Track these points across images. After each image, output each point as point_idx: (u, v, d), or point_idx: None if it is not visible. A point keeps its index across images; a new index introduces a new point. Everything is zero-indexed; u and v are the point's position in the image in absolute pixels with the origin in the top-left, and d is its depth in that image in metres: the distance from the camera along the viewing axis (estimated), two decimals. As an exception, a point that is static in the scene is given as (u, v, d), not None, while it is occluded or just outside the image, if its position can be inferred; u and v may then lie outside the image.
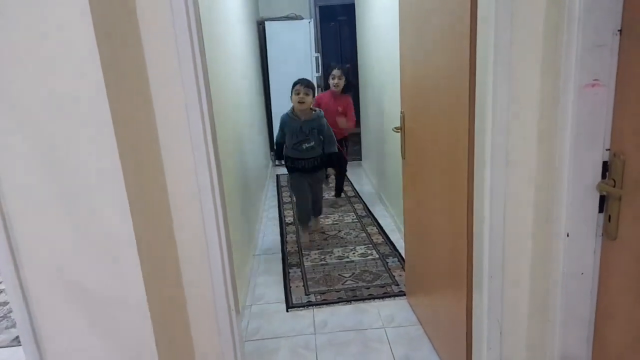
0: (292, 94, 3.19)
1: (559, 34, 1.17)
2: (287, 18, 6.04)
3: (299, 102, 3.14)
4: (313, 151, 3.28)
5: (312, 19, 6.12)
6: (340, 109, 3.87)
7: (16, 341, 2.41)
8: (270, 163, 5.76)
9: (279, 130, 3.34)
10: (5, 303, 2.84)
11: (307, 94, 3.14)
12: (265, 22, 5.74)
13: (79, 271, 1.11)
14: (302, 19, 6.03)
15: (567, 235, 1.24)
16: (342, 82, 3.84)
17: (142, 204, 1.15)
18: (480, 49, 1.34)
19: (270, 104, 5.90)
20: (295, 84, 3.20)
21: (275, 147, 3.47)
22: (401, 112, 2.21)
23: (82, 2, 0.94)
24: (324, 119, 3.30)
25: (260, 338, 2.30)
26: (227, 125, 2.59)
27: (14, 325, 2.56)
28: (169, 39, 1.25)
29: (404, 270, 2.73)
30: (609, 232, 1.22)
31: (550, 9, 1.20)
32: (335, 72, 3.84)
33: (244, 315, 2.49)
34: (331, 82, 3.87)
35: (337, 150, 3.40)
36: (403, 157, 2.29)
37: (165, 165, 1.35)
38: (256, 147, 4.34)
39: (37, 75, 0.98)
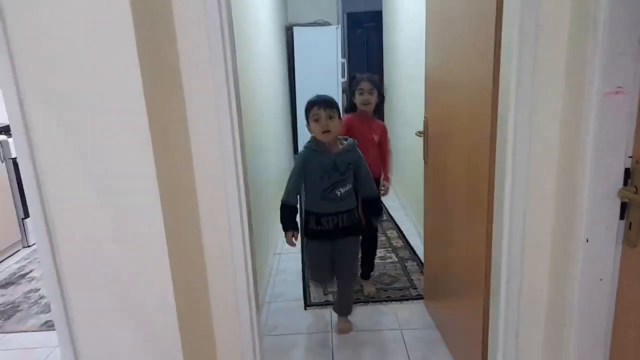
0: (308, 121, 2.13)
1: (583, 43, 1.19)
2: (315, 24, 6.12)
3: (323, 132, 2.06)
4: (350, 200, 2.19)
5: (340, 25, 6.18)
6: (376, 137, 2.65)
7: (45, 326, 2.52)
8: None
9: (294, 175, 2.15)
10: (37, 290, 2.97)
11: (330, 117, 2.06)
12: (294, 28, 5.83)
13: (112, 260, 1.17)
14: (329, 25, 6.11)
15: (587, 241, 1.25)
16: (373, 99, 2.57)
17: (172, 200, 1.22)
18: (504, 57, 1.36)
19: (295, 108, 5.99)
20: (310, 105, 2.11)
21: (285, 205, 2.15)
22: (425, 117, 2.24)
23: (125, 13, 1.01)
24: (359, 151, 2.22)
25: (278, 334, 2.35)
26: (251, 128, 2.67)
27: (43, 311, 2.67)
28: (203, 47, 1.32)
29: (422, 274, 2.74)
30: (630, 239, 1.22)
31: (574, 19, 1.22)
32: (365, 84, 2.56)
33: (262, 312, 2.55)
34: (359, 98, 2.58)
35: (378, 194, 2.37)
36: (425, 161, 2.31)
37: (194, 165, 1.41)
38: (281, 148, 4.41)
39: (79, 77, 1.05)
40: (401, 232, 3.67)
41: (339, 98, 6.03)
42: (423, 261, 2.65)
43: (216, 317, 1.59)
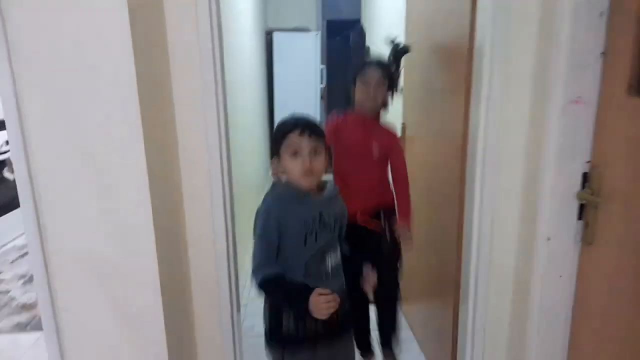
0: (278, 153, 1.36)
1: (548, 57, 1.29)
2: (295, 30, 6.20)
3: (304, 174, 1.32)
4: (340, 274, 1.43)
5: (319, 32, 6.28)
6: (376, 151, 1.83)
7: (17, 328, 2.47)
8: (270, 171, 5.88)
9: (262, 243, 1.34)
10: (7, 291, 2.91)
11: (316, 152, 1.33)
12: (274, 33, 5.89)
13: (102, 253, 1.20)
14: (309, 31, 6.19)
15: (548, 239, 1.34)
16: (381, 95, 1.81)
17: (160, 195, 1.25)
18: (476, 70, 1.46)
19: (273, 112, 6.03)
20: (285, 129, 1.34)
21: (267, 280, 1.32)
22: (402, 124, 2.32)
23: (123, 20, 1.05)
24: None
25: (255, 335, 2.38)
26: (232, 128, 2.70)
27: (13, 313, 2.63)
28: (194, 48, 1.36)
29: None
30: (587, 238, 1.32)
31: (541, 36, 1.32)
32: (373, 72, 1.78)
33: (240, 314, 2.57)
34: (360, 91, 1.80)
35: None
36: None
37: (181, 163, 1.45)
38: (257, 150, 4.44)
39: (77, 76, 1.08)
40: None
41: (317, 105, 6.11)
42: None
43: (198, 313, 1.62)
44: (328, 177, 1.50)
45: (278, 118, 5.85)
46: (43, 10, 1.04)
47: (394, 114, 3.29)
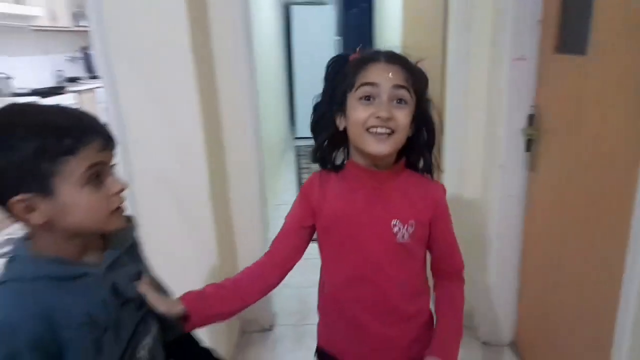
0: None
1: (499, 24, 1.68)
2: (312, 3, 6.51)
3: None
4: (160, 354, 0.86)
5: (334, 4, 6.57)
6: (403, 233, 0.89)
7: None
8: (291, 137, 6.31)
9: None
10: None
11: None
12: (291, 6, 6.23)
13: (171, 171, 1.63)
14: (325, 4, 6.50)
15: (501, 166, 1.75)
16: (403, 118, 0.85)
17: (209, 131, 1.69)
18: (450, 33, 1.84)
19: (292, 85, 6.42)
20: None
21: None
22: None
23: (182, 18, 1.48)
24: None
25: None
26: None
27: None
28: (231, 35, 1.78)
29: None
30: (532, 165, 1.73)
31: (494, 8, 1.70)
32: (379, 69, 0.87)
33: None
34: (358, 109, 0.86)
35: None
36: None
37: (222, 114, 1.88)
38: (279, 120, 4.88)
39: (150, 42, 1.53)
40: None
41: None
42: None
43: (236, 213, 2.04)
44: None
45: (297, 89, 6.26)
46: (135, 21, 1.49)
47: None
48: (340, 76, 0.91)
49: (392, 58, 0.89)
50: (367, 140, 0.85)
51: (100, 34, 1.48)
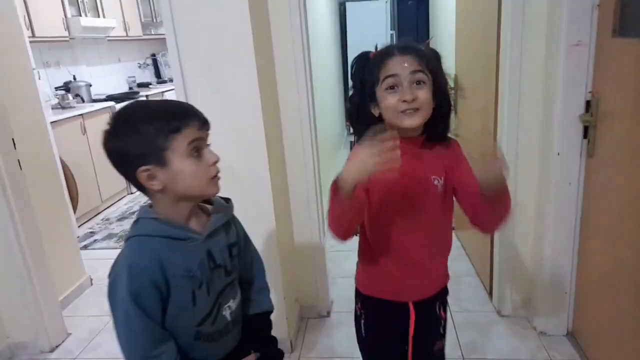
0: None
1: (556, 10, 1.66)
2: (366, -1, 6.54)
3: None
4: (239, 323, 1.06)
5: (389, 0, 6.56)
6: (438, 179, 1.10)
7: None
8: (345, 132, 6.39)
9: (135, 335, 0.88)
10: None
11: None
12: (346, 3, 6.30)
13: (237, 165, 1.76)
14: (379, -1, 6.51)
15: (558, 154, 1.74)
16: (424, 96, 1.01)
17: (268, 118, 1.81)
18: (503, 26, 1.84)
19: (347, 81, 6.49)
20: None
21: None
22: (454, 74, 2.72)
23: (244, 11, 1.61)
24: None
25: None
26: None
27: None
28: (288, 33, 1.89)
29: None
30: (589, 152, 1.70)
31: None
32: (398, 62, 1.02)
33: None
34: (387, 100, 1.03)
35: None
36: (455, 114, 2.79)
37: (282, 114, 2.00)
38: (335, 114, 4.97)
39: (216, 46, 1.67)
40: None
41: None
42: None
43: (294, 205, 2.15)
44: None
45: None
46: (202, 28, 1.64)
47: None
48: (367, 72, 1.08)
49: (404, 49, 1.05)
50: (401, 119, 1.03)
51: (173, 40, 1.64)
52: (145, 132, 0.85)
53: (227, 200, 1.04)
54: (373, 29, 6.29)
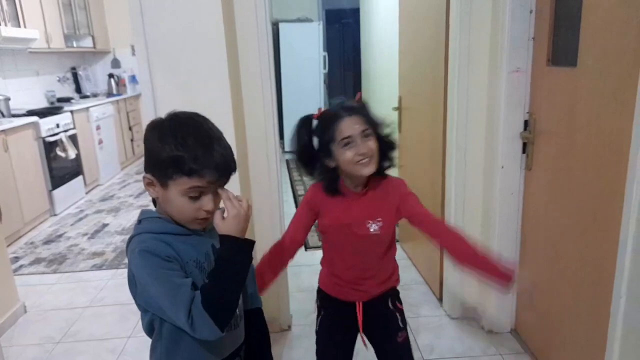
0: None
1: (497, 41, 1.88)
2: (299, 20, 6.73)
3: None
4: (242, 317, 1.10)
5: (321, 22, 6.81)
6: (377, 224, 1.29)
7: (95, 267, 3.06)
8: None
9: (168, 288, 0.89)
10: (76, 244, 3.50)
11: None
12: (280, 24, 6.43)
13: None
14: (311, 21, 6.73)
15: (502, 167, 1.94)
16: (373, 145, 1.23)
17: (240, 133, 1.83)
18: (450, 53, 2.04)
19: (281, 99, 6.60)
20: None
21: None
22: (399, 96, 2.91)
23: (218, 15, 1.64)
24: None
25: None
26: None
27: (88, 258, 3.22)
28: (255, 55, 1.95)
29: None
30: (528, 166, 1.92)
31: (492, 27, 1.91)
32: (349, 124, 1.21)
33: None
34: (346, 154, 1.22)
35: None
36: (399, 131, 2.98)
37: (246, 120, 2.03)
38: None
39: (190, 54, 1.67)
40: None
41: (321, 90, 6.67)
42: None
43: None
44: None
45: (286, 104, 6.42)
46: (175, 19, 1.64)
47: (391, 88, 3.84)
48: (319, 133, 1.27)
49: (351, 110, 1.24)
50: (359, 169, 1.24)
51: (143, 53, 1.62)
52: (164, 152, 0.88)
53: None
54: (306, 50, 6.47)
